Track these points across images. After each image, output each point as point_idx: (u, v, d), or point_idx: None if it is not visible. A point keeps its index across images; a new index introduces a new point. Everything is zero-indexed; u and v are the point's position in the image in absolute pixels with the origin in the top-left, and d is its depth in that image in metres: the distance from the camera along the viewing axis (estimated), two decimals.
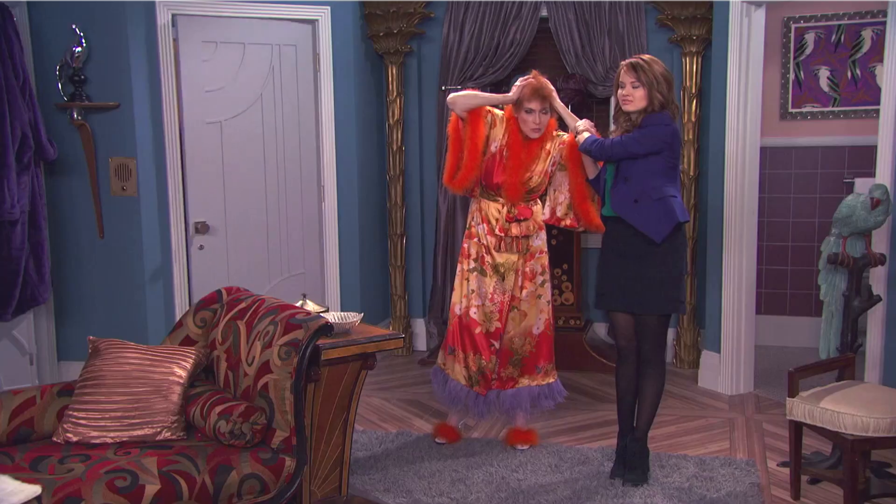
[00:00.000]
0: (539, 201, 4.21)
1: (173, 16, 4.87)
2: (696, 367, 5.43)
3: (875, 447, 3.41)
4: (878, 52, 5.52)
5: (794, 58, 5.97)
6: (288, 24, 5.23)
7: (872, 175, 4.42)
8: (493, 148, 4.04)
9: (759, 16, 4.93)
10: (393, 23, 5.66)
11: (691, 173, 5.40)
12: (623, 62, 3.69)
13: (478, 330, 4.14)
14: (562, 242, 5.55)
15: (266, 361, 3.01)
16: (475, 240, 4.16)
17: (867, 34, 5.77)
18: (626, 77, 3.62)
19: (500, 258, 4.11)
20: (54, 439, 3.03)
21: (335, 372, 3.21)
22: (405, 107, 5.92)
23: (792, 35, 5.96)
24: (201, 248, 5.04)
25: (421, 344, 6.16)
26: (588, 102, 5.71)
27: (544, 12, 5.58)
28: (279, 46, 5.21)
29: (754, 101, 4.97)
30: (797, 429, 3.60)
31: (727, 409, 4.86)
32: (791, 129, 6.03)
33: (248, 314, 3.27)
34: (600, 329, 6.06)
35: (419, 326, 6.16)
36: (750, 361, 5.16)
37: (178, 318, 3.94)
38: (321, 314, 3.24)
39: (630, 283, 3.71)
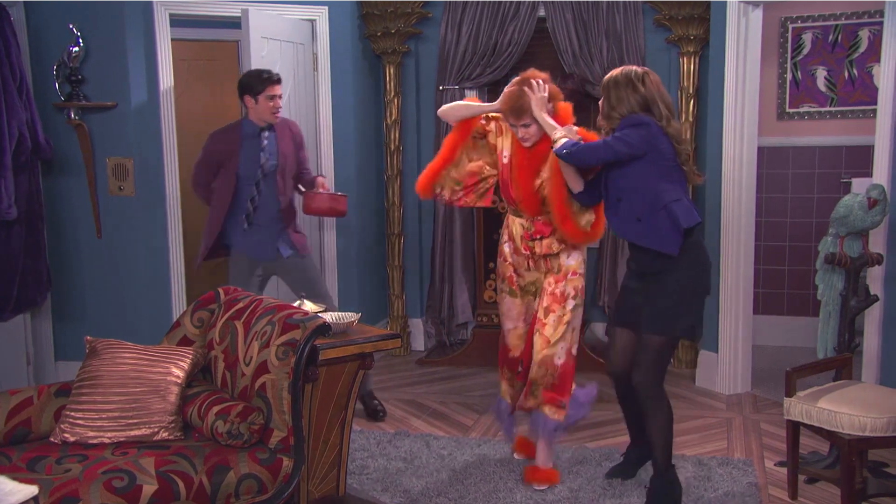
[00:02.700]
0: None
1: (171, 15, 4.87)
2: (693, 366, 5.43)
3: (872, 447, 3.41)
4: (875, 52, 5.53)
5: (792, 58, 5.98)
6: (286, 24, 5.22)
7: (869, 175, 4.43)
8: (504, 158, 3.78)
9: (757, 16, 4.93)
10: (390, 22, 5.66)
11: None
12: None
13: (511, 354, 3.92)
14: None
15: (264, 361, 3.01)
16: (503, 259, 3.91)
17: (864, 34, 5.78)
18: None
19: (529, 277, 3.84)
20: (51, 439, 3.02)
21: (333, 372, 3.21)
22: (403, 106, 5.92)
23: (789, 35, 5.97)
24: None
25: (419, 344, 6.16)
26: (585, 102, 5.70)
27: (542, 12, 5.58)
28: (290, 44, 5.19)
29: (751, 101, 4.98)
30: (794, 428, 3.61)
31: (725, 408, 4.86)
32: (788, 129, 6.04)
33: (246, 314, 3.27)
34: (598, 329, 6.06)
35: (417, 326, 6.16)
36: (747, 361, 5.16)
37: (175, 319, 3.93)
38: (319, 314, 3.24)
39: (641, 300, 3.48)
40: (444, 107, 3.84)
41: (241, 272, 4.44)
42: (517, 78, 3.66)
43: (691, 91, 5.34)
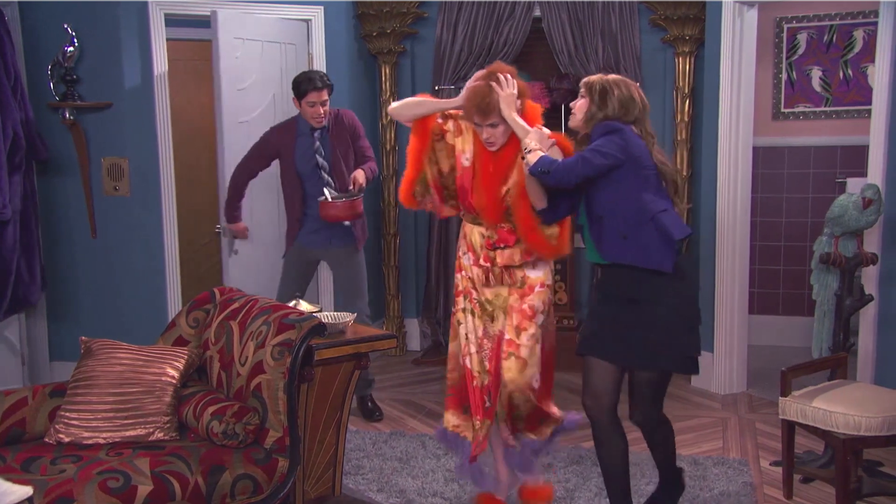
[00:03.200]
0: None
1: (165, 16, 4.86)
2: None
3: (867, 446, 3.42)
4: (869, 52, 5.53)
5: (787, 58, 5.99)
6: (280, 24, 5.22)
7: (864, 175, 4.44)
8: (464, 161, 3.33)
9: (752, 16, 4.94)
10: (386, 22, 5.65)
11: (684, 173, 5.41)
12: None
13: (474, 383, 3.40)
14: None
15: (259, 361, 3.01)
16: (463, 273, 3.45)
17: (859, 34, 5.79)
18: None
19: (489, 293, 3.38)
20: (46, 440, 3.02)
21: (328, 372, 3.21)
22: None
23: (784, 35, 5.98)
24: (236, 252, 4.95)
25: (414, 344, 6.16)
26: None
27: (537, 12, 5.58)
28: (275, 44, 5.19)
29: (747, 101, 4.99)
30: (790, 428, 3.61)
31: (720, 408, 4.87)
32: (783, 129, 6.05)
33: (241, 314, 3.26)
34: None
35: (412, 326, 6.16)
36: (742, 361, 5.17)
37: (170, 319, 3.93)
38: (314, 314, 3.23)
39: (628, 330, 3.04)
40: (395, 104, 3.42)
41: (290, 259, 4.61)
42: (482, 72, 3.27)
43: (687, 91, 5.34)
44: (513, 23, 5.59)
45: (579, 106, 3.15)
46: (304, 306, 3.46)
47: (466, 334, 3.41)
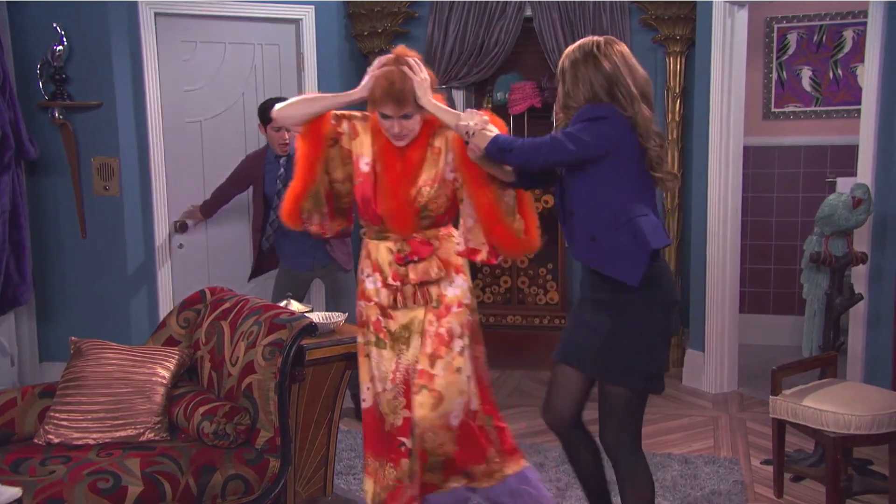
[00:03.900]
0: (453, 228, 2.99)
1: (156, 14, 4.84)
2: (680, 365, 5.45)
3: (857, 445, 3.43)
4: (859, 52, 5.56)
5: (777, 58, 6.01)
6: (271, 24, 5.21)
7: (854, 174, 4.45)
8: (363, 166, 2.88)
9: (742, 16, 4.95)
10: (377, 22, 5.64)
11: (675, 172, 5.42)
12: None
13: (387, 426, 2.94)
14: (545, 241, 5.54)
15: (250, 362, 3.00)
16: (365, 300, 2.96)
17: (849, 34, 5.81)
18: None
19: (402, 318, 2.90)
20: (35, 441, 3.00)
21: (320, 372, 3.20)
22: None
23: (774, 35, 6.00)
24: (181, 246, 5.02)
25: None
26: None
27: (528, 12, 5.58)
28: (261, 46, 5.18)
29: (737, 101, 5.00)
30: (780, 427, 3.62)
31: (711, 407, 4.88)
32: (774, 129, 6.07)
33: (232, 314, 3.25)
34: None
35: None
36: (733, 360, 5.18)
37: (161, 319, 3.91)
38: (305, 314, 3.23)
39: (593, 337, 2.70)
40: (280, 105, 2.88)
41: (280, 281, 4.68)
42: (388, 56, 2.85)
43: (677, 91, 5.35)
44: (504, 22, 5.59)
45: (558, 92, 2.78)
46: (296, 306, 3.45)
47: (373, 372, 2.94)
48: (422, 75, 2.78)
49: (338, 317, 3.38)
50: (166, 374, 3.13)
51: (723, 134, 4.98)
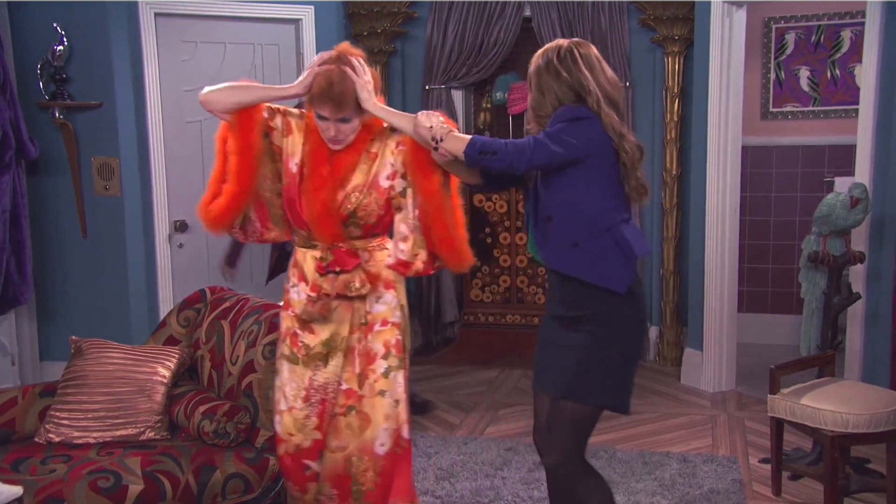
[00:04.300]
0: (388, 239, 2.76)
1: (156, 15, 4.85)
2: (678, 364, 5.45)
3: (854, 443, 3.44)
4: (857, 52, 5.56)
5: (775, 58, 6.01)
6: (271, 24, 5.21)
7: (852, 174, 4.45)
8: (293, 166, 2.62)
9: (741, 16, 4.96)
10: (377, 22, 5.65)
11: (674, 172, 5.44)
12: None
13: (281, 449, 2.69)
14: None
15: (250, 360, 3.00)
16: (286, 309, 2.72)
17: (846, 35, 5.81)
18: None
19: (323, 333, 2.64)
20: (36, 440, 3.01)
21: None
22: (388, 106, 5.89)
23: (773, 35, 6.00)
24: (181, 246, 5.02)
25: (406, 342, 6.13)
26: None
27: (527, 12, 5.59)
28: (261, 46, 5.19)
29: (736, 101, 5.00)
30: (778, 425, 3.63)
31: (709, 406, 4.88)
32: (772, 129, 6.07)
33: (233, 313, 3.26)
34: None
35: None
36: (732, 359, 5.19)
37: (161, 318, 3.91)
38: None
39: (567, 355, 2.56)
40: (208, 89, 2.55)
41: None
42: (329, 53, 2.59)
43: (676, 91, 5.36)
44: (503, 23, 5.59)
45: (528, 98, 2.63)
46: None
47: (281, 387, 2.68)
48: (366, 77, 2.56)
49: None
50: (167, 373, 3.13)
51: (721, 134, 4.98)
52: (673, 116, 5.38)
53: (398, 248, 2.67)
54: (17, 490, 2.57)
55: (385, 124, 2.66)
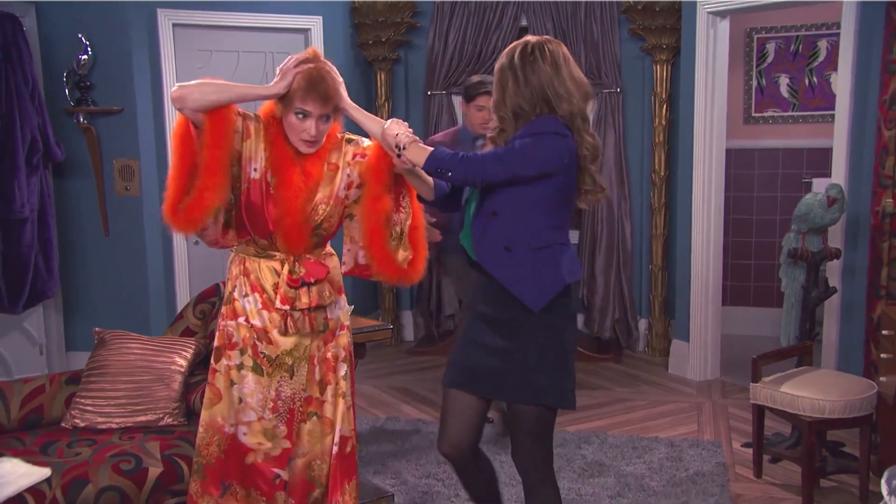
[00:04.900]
0: (332, 249, 2.63)
1: (174, 25, 4.86)
2: (666, 355, 5.46)
3: (830, 428, 3.45)
4: (833, 61, 5.56)
5: (757, 66, 6.01)
6: (281, 34, 5.22)
7: (829, 175, 4.46)
8: (253, 173, 2.41)
9: (724, 27, 4.96)
10: (381, 31, 5.65)
11: (662, 173, 5.44)
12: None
13: (251, 458, 2.50)
14: None
15: None
16: (242, 320, 2.48)
17: (823, 45, 5.82)
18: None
19: (287, 343, 2.48)
20: (63, 425, 3.02)
21: None
22: (393, 111, 5.91)
23: (754, 45, 6.00)
24: (196, 243, 5.03)
25: (408, 334, 6.16)
26: None
27: (524, 21, 5.59)
28: (272, 54, 5.19)
29: (720, 106, 5.01)
30: (760, 412, 3.64)
31: (695, 394, 4.89)
32: (754, 133, 6.07)
33: None
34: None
35: (407, 318, 6.17)
36: (716, 349, 5.20)
37: (178, 311, 3.93)
38: None
39: (492, 358, 2.41)
40: (183, 85, 2.31)
41: (459, 271, 4.00)
42: (304, 54, 2.40)
43: (664, 97, 5.36)
44: (501, 31, 5.60)
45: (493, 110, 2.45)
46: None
47: (241, 399, 2.48)
48: (340, 79, 2.43)
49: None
50: (184, 362, 3.14)
51: (706, 137, 4.99)
52: (661, 121, 5.39)
53: (356, 252, 2.56)
54: (45, 472, 2.59)
55: (340, 135, 2.52)
